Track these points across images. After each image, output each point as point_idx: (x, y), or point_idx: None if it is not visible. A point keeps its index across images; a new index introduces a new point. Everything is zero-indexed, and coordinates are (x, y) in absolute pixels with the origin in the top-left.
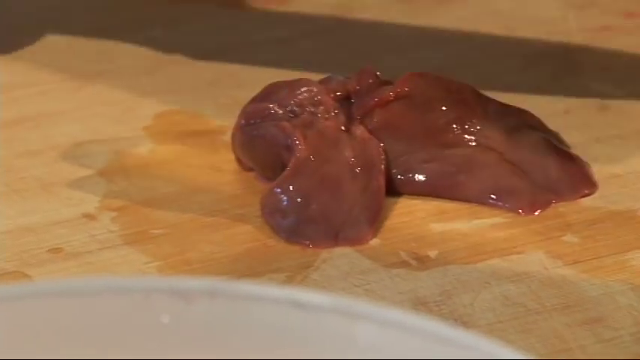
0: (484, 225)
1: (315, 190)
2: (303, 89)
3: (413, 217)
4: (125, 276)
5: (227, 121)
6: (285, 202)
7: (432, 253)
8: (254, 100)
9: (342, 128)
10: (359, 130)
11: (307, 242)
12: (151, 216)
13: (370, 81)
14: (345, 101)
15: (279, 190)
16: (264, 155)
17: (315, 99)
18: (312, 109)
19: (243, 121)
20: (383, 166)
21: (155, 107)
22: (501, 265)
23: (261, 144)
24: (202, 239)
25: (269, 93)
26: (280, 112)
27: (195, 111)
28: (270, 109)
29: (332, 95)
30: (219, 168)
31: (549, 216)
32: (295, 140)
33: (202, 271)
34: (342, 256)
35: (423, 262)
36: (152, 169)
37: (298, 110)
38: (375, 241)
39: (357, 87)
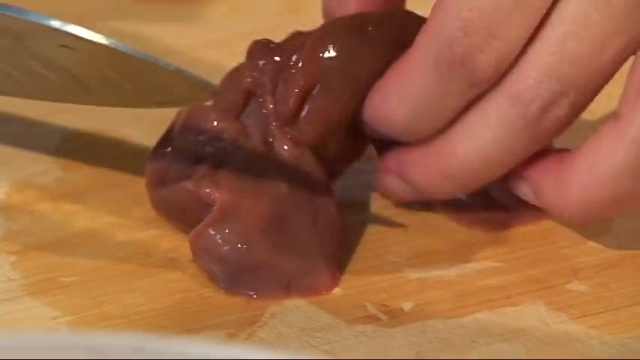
0: (471, 270)
1: (256, 230)
2: (199, 123)
3: (383, 260)
4: (30, 333)
5: (151, 142)
6: (224, 245)
7: (407, 306)
8: (158, 146)
9: (262, 150)
10: (285, 145)
11: (252, 293)
12: (60, 260)
13: (270, 63)
14: (255, 113)
15: (213, 232)
16: (182, 217)
17: (217, 128)
18: (219, 144)
19: (149, 181)
20: (331, 185)
21: (64, 126)
22: (492, 319)
23: (174, 207)
24: (124, 288)
25: (173, 138)
26: (184, 163)
27: (112, 130)
28: (172, 163)
29: (233, 114)
30: (143, 201)
31: (551, 259)
32: (209, 195)
33: (125, 328)
34: (295, 309)
35: (395, 317)
36: (61, 203)
37: (205, 150)
38: (336, 291)
39: (258, 84)
